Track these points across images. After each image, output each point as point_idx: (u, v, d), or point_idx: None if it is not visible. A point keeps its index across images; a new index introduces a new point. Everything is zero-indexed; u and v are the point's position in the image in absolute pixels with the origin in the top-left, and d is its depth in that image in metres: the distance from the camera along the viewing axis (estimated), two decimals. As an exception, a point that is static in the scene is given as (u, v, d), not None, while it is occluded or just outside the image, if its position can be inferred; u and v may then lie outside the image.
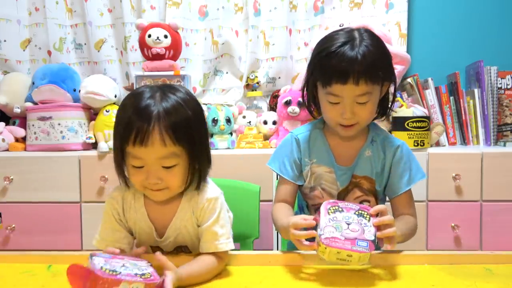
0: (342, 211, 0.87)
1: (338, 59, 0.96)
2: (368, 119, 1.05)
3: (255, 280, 0.86)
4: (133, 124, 0.84)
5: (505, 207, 1.65)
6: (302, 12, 2.14)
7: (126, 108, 0.87)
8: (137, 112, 0.85)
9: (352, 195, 1.09)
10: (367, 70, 0.95)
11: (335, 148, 1.09)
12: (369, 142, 1.09)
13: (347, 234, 0.83)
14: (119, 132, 0.88)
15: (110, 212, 0.97)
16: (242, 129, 1.93)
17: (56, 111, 1.80)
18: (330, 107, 1.02)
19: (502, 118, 1.93)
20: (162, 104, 0.85)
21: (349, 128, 1.03)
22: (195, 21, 2.19)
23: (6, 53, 2.16)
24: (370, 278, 0.86)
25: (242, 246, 1.32)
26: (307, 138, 1.11)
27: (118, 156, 0.90)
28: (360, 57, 0.95)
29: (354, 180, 1.08)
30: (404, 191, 1.08)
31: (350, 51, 0.96)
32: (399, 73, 2.03)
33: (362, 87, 0.96)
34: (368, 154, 1.08)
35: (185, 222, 0.96)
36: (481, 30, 2.14)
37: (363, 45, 0.97)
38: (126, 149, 0.86)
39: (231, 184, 1.38)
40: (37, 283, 0.87)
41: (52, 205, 1.73)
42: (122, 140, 0.86)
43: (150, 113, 0.83)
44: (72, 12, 2.19)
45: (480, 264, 0.92)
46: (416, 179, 1.08)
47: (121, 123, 0.87)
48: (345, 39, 0.99)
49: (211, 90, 2.23)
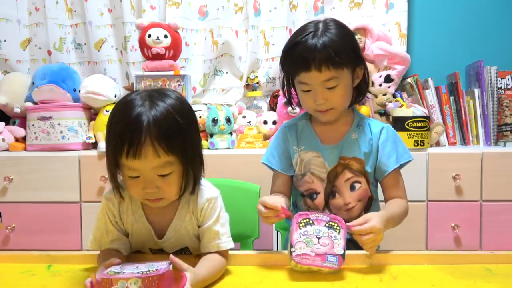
0: (313, 224, 0.89)
1: (300, 48, 1.02)
2: (342, 103, 1.08)
3: (255, 280, 0.86)
4: (125, 137, 0.82)
5: (505, 207, 1.65)
6: (302, 12, 2.14)
7: (116, 118, 0.87)
8: (128, 124, 0.83)
9: (342, 177, 1.11)
10: (327, 57, 1.00)
11: (322, 133, 1.14)
12: (355, 126, 1.13)
13: (317, 250, 0.87)
14: (111, 144, 0.86)
15: (105, 213, 0.96)
16: (242, 129, 1.93)
17: (56, 111, 1.80)
18: (304, 95, 1.08)
19: (502, 118, 1.93)
20: (151, 113, 0.83)
21: (326, 113, 1.08)
22: (195, 21, 2.19)
23: (6, 53, 2.16)
24: (370, 278, 0.86)
25: (242, 246, 1.32)
26: (294, 128, 1.17)
27: (111, 166, 0.89)
28: (319, 45, 1.00)
29: (343, 162, 1.10)
30: (392, 169, 1.10)
31: (311, 40, 1.01)
32: (399, 73, 2.03)
33: (326, 73, 1.01)
34: (355, 137, 1.12)
35: (185, 223, 0.96)
36: (481, 30, 2.14)
37: (324, 34, 1.02)
38: (120, 160, 0.85)
39: (231, 184, 1.38)
40: (37, 283, 0.87)
41: (52, 205, 1.73)
42: (115, 152, 0.85)
43: (140, 125, 0.82)
44: (72, 12, 2.20)
45: (480, 264, 0.92)
46: (403, 158, 1.11)
47: (113, 135, 0.86)
48: (310, 29, 1.04)
49: (211, 90, 2.23)
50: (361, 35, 2.03)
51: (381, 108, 1.89)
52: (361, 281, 0.85)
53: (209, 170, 1.22)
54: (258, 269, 0.92)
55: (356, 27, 2.02)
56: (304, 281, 0.86)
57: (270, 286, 0.84)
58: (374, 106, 1.90)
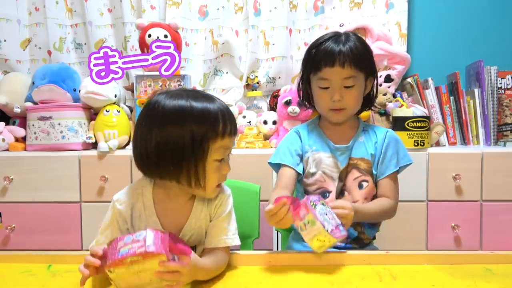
0: (317, 205, 0.92)
1: (326, 46, 1.13)
2: (355, 105, 1.17)
3: (255, 280, 0.86)
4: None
5: (505, 207, 1.65)
6: (302, 12, 2.14)
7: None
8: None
9: (351, 175, 1.17)
10: (351, 55, 1.10)
11: (332, 136, 1.21)
12: (361, 130, 1.22)
13: (334, 224, 0.91)
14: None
15: (115, 219, 0.94)
16: (242, 129, 1.93)
17: (56, 111, 1.80)
18: (321, 92, 1.15)
19: (502, 118, 1.93)
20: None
21: (339, 112, 1.16)
22: (195, 21, 2.19)
23: (6, 53, 2.16)
24: (370, 278, 0.86)
25: (242, 246, 1.32)
26: (306, 130, 1.25)
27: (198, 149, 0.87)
28: (345, 45, 1.12)
29: (351, 162, 1.17)
30: (391, 173, 1.17)
31: (336, 41, 1.13)
32: (399, 73, 2.03)
33: (347, 70, 1.11)
34: (362, 139, 1.19)
35: (200, 222, 0.96)
36: (481, 30, 2.14)
37: (348, 40, 1.13)
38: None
39: (231, 184, 1.37)
40: (37, 283, 0.87)
41: (52, 205, 1.73)
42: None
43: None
44: (72, 12, 2.20)
45: (480, 264, 0.92)
46: (402, 161, 1.19)
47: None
48: (333, 35, 1.16)
49: (211, 90, 2.23)
50: (361, 35, 2.03)
51: (381, 108, 1.89)
52: (361, 281, 0.85)
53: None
54: (258, 269, 0.92)
55: (356, 27, 2.02)
56: (304, 281, 0.86)
57: (270, 286, 0.84)
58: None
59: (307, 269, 0.91)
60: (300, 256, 0.95)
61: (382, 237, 1.30)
